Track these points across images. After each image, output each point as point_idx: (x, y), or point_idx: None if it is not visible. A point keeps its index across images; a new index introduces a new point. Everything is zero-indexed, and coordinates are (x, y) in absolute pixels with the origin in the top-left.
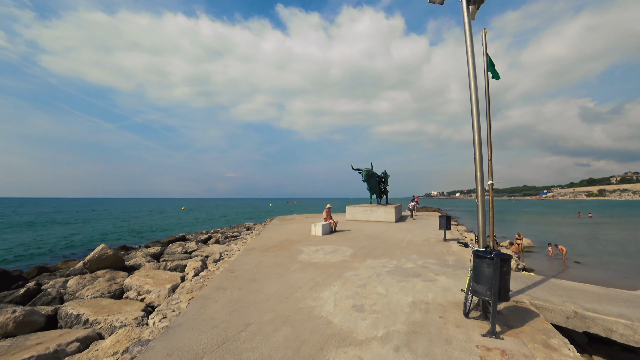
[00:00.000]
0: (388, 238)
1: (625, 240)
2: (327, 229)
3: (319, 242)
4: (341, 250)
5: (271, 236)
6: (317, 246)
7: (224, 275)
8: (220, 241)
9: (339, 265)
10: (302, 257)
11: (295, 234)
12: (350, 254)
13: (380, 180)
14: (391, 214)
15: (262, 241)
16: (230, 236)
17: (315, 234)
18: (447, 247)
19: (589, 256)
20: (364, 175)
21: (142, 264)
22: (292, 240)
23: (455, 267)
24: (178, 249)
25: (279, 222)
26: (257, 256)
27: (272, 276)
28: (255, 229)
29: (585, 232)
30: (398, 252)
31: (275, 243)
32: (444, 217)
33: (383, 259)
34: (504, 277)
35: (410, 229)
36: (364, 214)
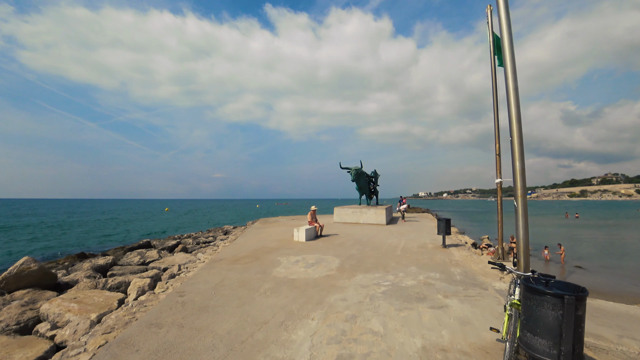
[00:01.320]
0: (380, 244)
1: (619, 241)
2: (312, 234)
3: (301, 249)
4: (326, 260)
5: (247, 242)
6: (298, 255)
7: (170, 300)
8: (189, 248)
9: (321, 284)
10: (278, 272)
11: (275, 240)
12: (337, 266)
13: (370, 179)
14: (382, 216)
15: (235, 249)
16: (203, 242)
17: (298, 240)
18: (449, 255)
19: (588, 259)
20: (353, 175)
21: (79, 279)
22: (270, 247)
23: (465, 283)
24: (135, 258)
25: (261, 225)
26: (222, 270)
27: (231, 302)
28: (233, 234)
29: (577, 233)
30: (393, 262)
31: (250, 251)
32: (443, 221)
33: (376, 273)
34: (579, 325)
35: (403, 232)
36: (353, 216)
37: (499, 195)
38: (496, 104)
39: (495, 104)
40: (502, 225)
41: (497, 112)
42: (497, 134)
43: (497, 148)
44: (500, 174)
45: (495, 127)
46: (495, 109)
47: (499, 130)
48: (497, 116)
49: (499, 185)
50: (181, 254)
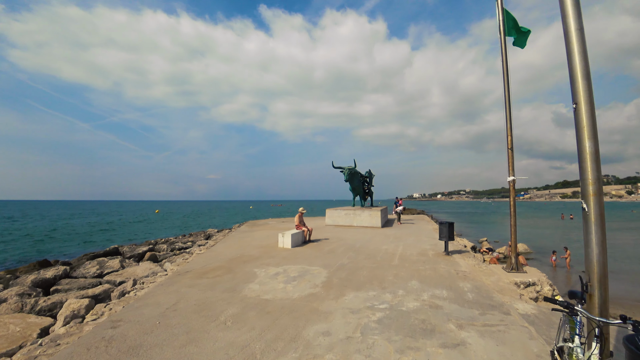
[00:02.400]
0: (375, 250)
1: (622, 244)
2: (299, 239)
3: (284, 258)
4: (311, 273)
5: (226, 249)
6: (279, 266)
7: (95, 335)
8: (159, 256)
9: (301, 307)
10: (250, 289)
11: (258, 246)
12: (323, 281)
13: (365, 180)
14: (377, 219)
15: (210, 257)
16: (178, 248)
17: (283, 246)
18: (453, 264)
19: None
20: (346, 175)
21: (8, 298)
22: (250, 255)
23: (480, 305)
24: (92, 269)
25: (247, 228)
26: (182, 287)
27: (175, 338)
28: (214, 238)
29: (577, 235)
30: (390, 275)
31: (225, 261)
32: (445, 225)
33: (370, 291)
34: None
35: (400, 236)
36: (346, 218)
37: (512, 195)
38: (507, 91)
39: (507, 90)
40: (516, 230)
41: (509, 100)
42: (509, 124)
43: (510, 141)
44: (512, 171)
45: (507, 117)
46: (506, 96)
47: (510, 120)
48: (508, 104)
49: (511, 184)
50: (146, 264)
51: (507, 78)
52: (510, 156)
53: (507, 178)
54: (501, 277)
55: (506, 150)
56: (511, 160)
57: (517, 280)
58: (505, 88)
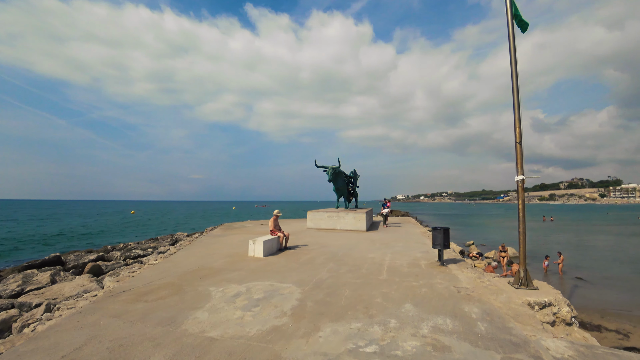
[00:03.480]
0: (359, 260)
1: (610, 247)
2: (273, 247)
3: (251, 271)
4: (281, 293)
5: (185, 259)
6: (243, 283)
7: None
8: (105, 267)
9: (256, 354)
10: (195, 320)
11: (225, 255)
12: (294, 306)
13: (349, 180)
14: (362, 221)
15: (162, 270)
16: (133, 257)
17: (254, 255)
18: (451, 278)
19: (587, 269)
20: (330, 175)
21: None
22: (211, 268)
23: (500, 343)
24: (14, 284)
25: (220, 232)
26: (105, 316)
27: None
28: (180, 244)
29: (562, 238)
30: (378, 295)
31: (178, 275)
32: (440, 231)
33: (354, 321)
34: None
35: (387, 241)
36: (329, 221)
37: (521, 197)
38: (515, 80)
39: (514, 79)
40: (525, 239)
41: (517, 90)
42: (518, 114)
43: (518, 134)
44: (521, 169)
45: (515, 106)
46: (514, 85)
47: (519, 110)
48: (516, 93)
49: (520, 184)
50: (81, 279)
51: (514, 66)
52: (518, 151)
53: (515, 177)
54: (511, 297)
55: (516, 146)
56: (520, 156)
57: (530, 300)
58: (513, 77)
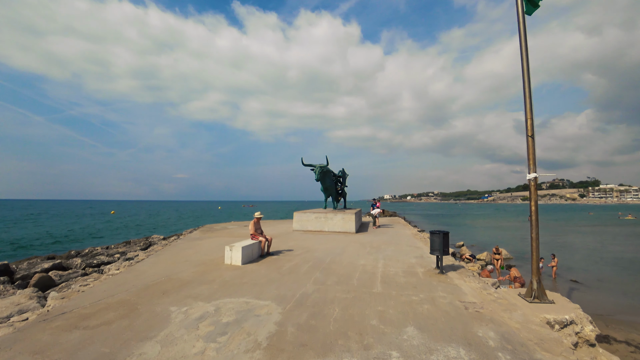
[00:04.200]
0: (349, 268)
1: (600, 248)
2: (253, 253)
3: (224, 284)
4: (256, 314)
5: (151, 268)
6: (211, 300)
7: None
8: (59, 278)
9: None
10: (142, 358)
11: (198, 263)
12: (271, 334)
13: (338, 179)
14: (351, 223)
15: (120, 283)
16: (95, 264)
17: (231, 263)
18: (454, 289)
19: (580, 271)
20: (318, 173)
21: None
22: (178, 279)
23: None
24: None
25: (199, 234)
26: (23, 353)
27: None
28: (152, 249)
29: (548, 238)
30: (373, 316)
31: (136, 290)
32: (439, 235)
33: (345, 356)
34: None
35: (378, 245)
36: (317, 223)
37: (533, 198)
38: (526, 62)
39: (526, 61)
40: (538, 246)
41: (528, 75)
42: (529, 103)
43: (530, 126)
44: (534, 166)
45: (526, 95)
46: (525, 73)
47: (531, 99)
48: (528, 83)
49: (532, 183)
50: (23, 294)
51: (525, 53)
52: (530, 145)
53: (527, 175)
54: (526, 314)
55: (527, 140)
56: (532, 150)
57: (549, 317)
58: (524, 61)
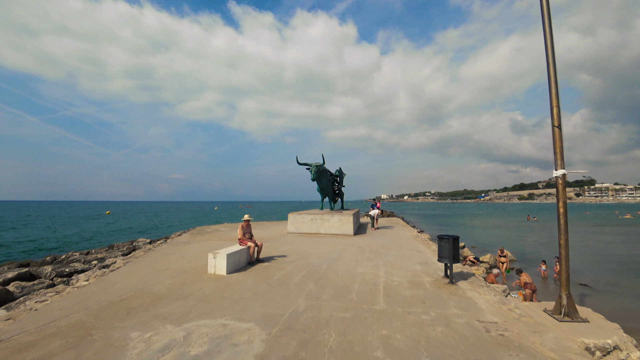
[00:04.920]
0: (347, 278)
1: (596, 246)
2: (240, 260)
3: (202, 299)
4: (233, 342)
5: (125, 278)
6: (183, 322)
7: None
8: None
9: None
10: None
11: (178, 272)
12: None
13: (335, 179)
14: (348, 224)
15: (84, 297)
16: (67, 273)
17: (215, 272)
18: (469, 305)
19: (587, 274)
20: (314, 173)
21: None
22: (150, 293)
23: None
24: None
25: (188, 238)
26: None
27: None
28: (133, 255)
29: (549, 239)
30: (377, 344)
31: (96, 309)
32: (448, 241)
33: None
34: None
35: (377, 249)
36: (312, 225)
37: (562, 198)
38: (550, 43)
39: (550, 40)
40: (568, 255)
41: (553, 58)
42: (555, 91)
43: (556, 115)
44: (562, 161)
45: (551, 81)
46: (549, 49)
47: (557, 85)
48: (552, 64)
49: (560, 180)
50: None
51: (550, 31)
52: (557, 137)
53: (554, 172)
54: (560, 337)
55: (554, 131)
56: (559, 143)
57: (587, 342)
58: (548, 44)
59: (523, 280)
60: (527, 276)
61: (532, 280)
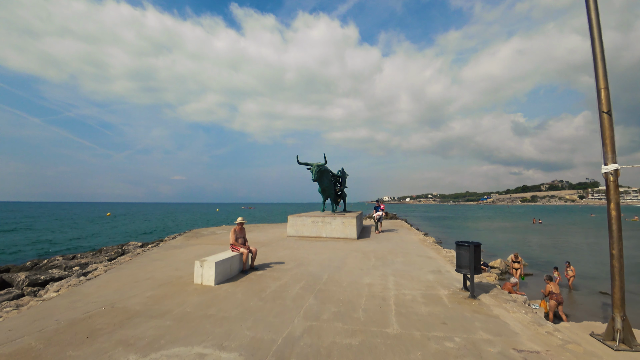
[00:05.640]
0: (352, 291)
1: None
2: (231, 269)
3: (180, 320)
4: None
5: (98, 290)
6: (150, 352)
7: None
8: None
9: None
10: None
11: (159, 283)
12: None
13: (337, 180)
14: (351, 228)
15: (45, 314)
16: (42, 281)
17: (202, 282)
18: (500, 327)
19: (601, 280)
20: (315, 173)
21: None
22: (124, 310)
23: None
24: None
25: (181, 241)
26: None
27: None
28: (120, 259)
29: (554, 241)
30: None
31: (51, 331)
32: (468, 248)
33: None
34: None
35: (383, 254)
36: (313, 228)
37: (614, 200)
38: (595, 11)
39: (594, 8)
40: (622, 268)
41: (599, 30)
42: (603, 70)
43: (605, 99)
44: (613, 154)
45: (597, 58)
46: (594, 20)
47: (604, 64)
48: (599, 38)
49: (612, 177)
50: None
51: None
52: (607, 126)
53: (603, 168)
54: None
55: (602, 117)
56: (609, 133)
57: None
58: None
59: (548, 289)
60: (555, 286)
61: (559, 290)
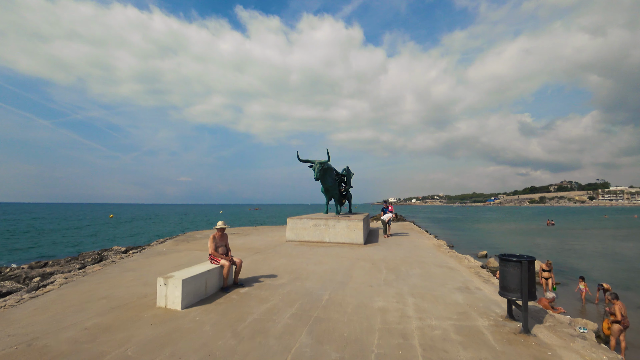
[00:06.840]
0: (359, 319)
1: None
2: (206, 286)
3: None
4: None
5: (33, 315)
6: None
7: None
8: None
9: None
10: None
11: (114, 305)
12: None
13: (341, 179)
14: (358, 232)
15: None
16: None
17: (166, 306)
18: None
19: (635, 289)
20: (317, 171)
21: None
22: (44, 351)
23: None
24: None
25: (169, 246)
26: None
27: None
28: (89, 268)
29: (570, 245)
30: None
31: None
32: (518, 266)
33: None
34: None
35: (396, 264)
36: (315, 232)
37: None
38: None
39: None
40: None
41: None
42: None
43: None
44: None
45: None
46: None
47: None
48: None
49: None
50: None
51: None
52: None
53: None
54: None
55: None
56: None
57: None
58: None
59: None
60: (623, 306)
61: (626, 313)
